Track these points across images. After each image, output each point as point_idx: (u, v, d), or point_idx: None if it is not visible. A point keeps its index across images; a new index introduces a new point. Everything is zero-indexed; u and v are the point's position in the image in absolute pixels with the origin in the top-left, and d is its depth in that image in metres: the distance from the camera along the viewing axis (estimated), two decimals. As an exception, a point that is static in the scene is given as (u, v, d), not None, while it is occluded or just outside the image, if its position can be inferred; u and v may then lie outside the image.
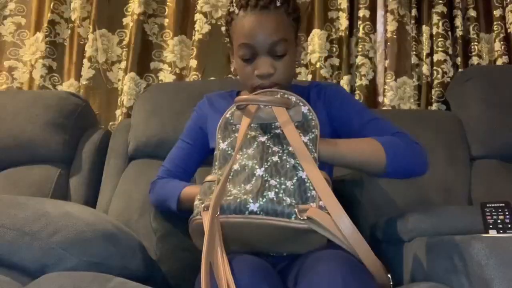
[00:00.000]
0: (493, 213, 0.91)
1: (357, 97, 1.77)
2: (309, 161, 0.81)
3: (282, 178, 0.81)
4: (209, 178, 0.89)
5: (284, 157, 0.83)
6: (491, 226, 0.90)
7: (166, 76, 1.83)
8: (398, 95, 1.79)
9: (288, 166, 0.82)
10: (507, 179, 1.38)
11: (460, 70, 1.78)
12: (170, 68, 1.84)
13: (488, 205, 0.92)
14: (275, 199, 0.78)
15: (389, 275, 0.79)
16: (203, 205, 0.80)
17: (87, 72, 1.81)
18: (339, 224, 0.75)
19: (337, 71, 1.82)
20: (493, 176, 1.40)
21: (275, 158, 0.83)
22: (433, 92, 1.77)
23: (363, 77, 1.79)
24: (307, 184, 0.80)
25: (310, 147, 0.85)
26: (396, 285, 0.95)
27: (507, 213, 0.90)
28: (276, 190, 0.79)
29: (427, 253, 0.93)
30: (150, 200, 1.14)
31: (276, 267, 0.87)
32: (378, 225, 1.15)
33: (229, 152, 0.88)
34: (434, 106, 1.75)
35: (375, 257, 0.77)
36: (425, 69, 1.79)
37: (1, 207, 0.90)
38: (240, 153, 0.87)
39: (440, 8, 1.83)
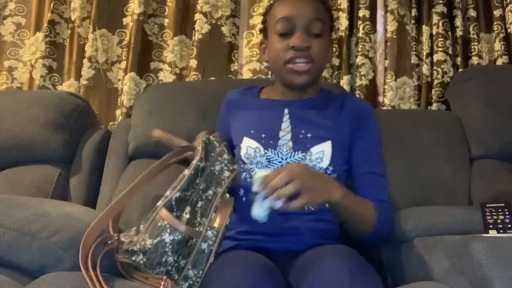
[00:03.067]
0: (493, 213, 0.91)
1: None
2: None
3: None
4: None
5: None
6: (491, 226, 0.90)
7: (166, 76, 1.83)
8: (398, 95, 1.79)
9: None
10: (507, 179, 1.38)
11: (460, 70, 1.78)
12: (170, 68, 1.84)
13: (488, 205, 0.92)
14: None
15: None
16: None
17: (87, 72, 1.81)
18: None
19: (337, 71, 1.82)
20: (493, 176, 1.40)
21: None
22: (433, 92, 1.77)
23: (363, 77, 1.79)
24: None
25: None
26: (396, 285, 0.95)
27: (507, 213, 0.90)
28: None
29: (427, 253, 0.93)
30: None
31: (278, 264, 0.88)
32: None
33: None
34: (434, 106, 1.75)
35: None
36: (425, 69, 1.79)
37: (1, 207, 0.90)
38: None
39: (440, 8, 1.82)
